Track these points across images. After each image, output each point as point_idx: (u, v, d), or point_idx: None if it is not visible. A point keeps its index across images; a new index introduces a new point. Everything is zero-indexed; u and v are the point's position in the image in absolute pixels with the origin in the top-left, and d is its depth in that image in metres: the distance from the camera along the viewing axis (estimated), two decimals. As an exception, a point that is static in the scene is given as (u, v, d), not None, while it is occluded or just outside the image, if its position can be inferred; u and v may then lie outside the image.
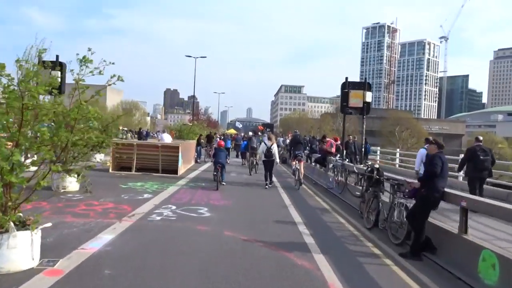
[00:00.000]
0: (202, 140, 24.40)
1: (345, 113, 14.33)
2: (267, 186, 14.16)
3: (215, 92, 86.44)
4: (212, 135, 28.45)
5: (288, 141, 29.66)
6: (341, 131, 61.34)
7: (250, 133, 36.67)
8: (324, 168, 16.13)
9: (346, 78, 14.07)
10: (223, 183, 13.51)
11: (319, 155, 17.77)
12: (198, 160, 23.27)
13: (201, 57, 48.46)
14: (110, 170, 15.33)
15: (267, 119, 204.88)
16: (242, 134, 41.18)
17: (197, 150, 23.85)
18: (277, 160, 14.58)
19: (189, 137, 25.15)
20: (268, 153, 14.11)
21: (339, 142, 17.13)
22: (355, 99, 13.78)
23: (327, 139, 16.35)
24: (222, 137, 26.13)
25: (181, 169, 16.34)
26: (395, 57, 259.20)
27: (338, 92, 16.39)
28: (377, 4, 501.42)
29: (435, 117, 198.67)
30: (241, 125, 65.93)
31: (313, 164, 19.42)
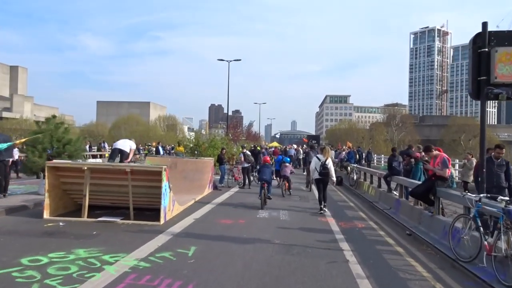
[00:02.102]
0: (225, 157, 17.54)
1: (488, 98, 6.89)
2: (322, 212, 11.19)
3: (256, 103, 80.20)
4: (257, 150, 21.69)
5: (344, 154, 22.26)
6: (396, 141, 52.52)
7: (295, 146, 29.24)
8: (430, 208, 8.68)
9: (485, 24, 6.74)
10: (269, 198, 12.48)
11: (413, 181, 10.44)
12: (220, 186, 16.44)
13: (235, 60, 42.31)
14: (45, 215, 8.79)
15: (312, 131, 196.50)
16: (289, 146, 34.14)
17: (221, 170, 17.08)
18: (333, 178, 11.88)
19: (207, 153, 18.41)
20: (324, 169, 11.31)
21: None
22: (507, 66, 6.40)
23: (434, 152, 8.59)
24: (248, 152, 19.12)
25: (171, 210, 9.52)
26: (447, 61, 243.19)
27: (387, 101, 9.21)
28: (423, 10, 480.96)
29: (495, 124, 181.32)
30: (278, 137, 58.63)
31: (395, 194, 12.05)
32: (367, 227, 9.59)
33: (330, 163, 11.40)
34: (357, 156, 23.10)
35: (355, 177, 18.09)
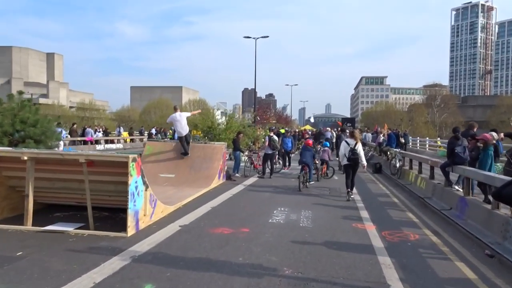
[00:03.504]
0: (239, 141, 14.85)
1: None
2: (349, 199, 10.18)
3: (287, 85, 76.83)
4: (281, 133, 18.83)
5: (382, 138, 19.13)
6: (437, 123, 48.12)
7: (328, 129, 26.34)
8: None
9: None
10: (310, 182, 12.28)
11: (492, 174, 7.46)
12: (234, 175, 13.86)
13: (262, 37, 39.17)
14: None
15: (347, 114, 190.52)
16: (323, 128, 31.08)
17: (235, 157, 14.49)
18: (364, 162, 10.70)
19: (222, 138, 15.78)
20: (353, 154, 10.30)
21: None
22: None
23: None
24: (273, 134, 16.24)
25: (149, 215, 7.00)
26: (491, 38, 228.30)
27: (426, 81, 6.23)
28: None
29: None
30: (313, 121, 55.40)
31: (457, 189, 9.12)
32: (422, 239, 6.72)
33: (359, 148, 10.47)
34: (402, 139, 19.90)
35: (397, 164, 15.02)
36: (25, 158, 6.41)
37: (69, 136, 26.38)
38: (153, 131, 38.22)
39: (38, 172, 6.81)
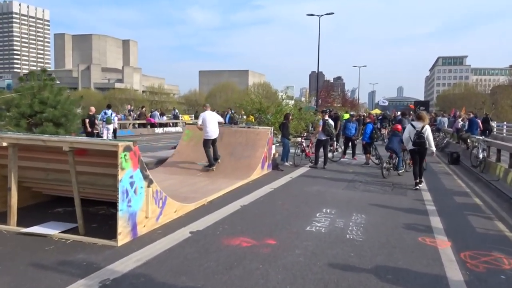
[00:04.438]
0: (289, 124, 13.13)
1: None
2: (417, 187, 9.36)
3: (355, 66, 72.64)
4: (337, 116, 16.75)
5: (461, 123, 16.38)
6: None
7: (398, 114, 23.72)
8: None
9: None
10: (399, 171, 11.27)
11: None
12: (282, 164, 12.27)
13: (327, 14, 36.55)
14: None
15: (420, 97, 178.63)
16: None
17: (284, 144, 12.86)
18: (433, 148, 9.63)
19: (273, 122, 14.14)
20: (419, 138, 9.23)
21: None
22: None
23: None
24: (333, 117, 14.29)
25: (154, 217, 5.65)
26: None
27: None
28: None
29: None
30: (386, 103, 51.57)
31: None
32: (523, 269, 4.66)
33: (427, 131, 9.37)
34: (489, 125, 16.90)
35: (480, 155, 12.44)
36: (4, 144, 5.34)
37: (118, 118, 26.54)
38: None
39: (27, 161, 5.75)
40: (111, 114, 16.36)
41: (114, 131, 19.68)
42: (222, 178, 9.50)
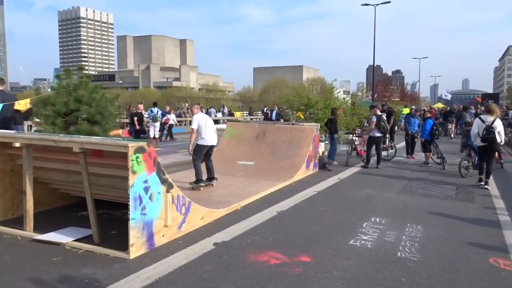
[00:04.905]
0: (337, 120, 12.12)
1: None
2: (480, 184, 8.72)
3: (415, 58, 68.62)
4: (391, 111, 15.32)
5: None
6: None
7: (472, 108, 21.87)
8: None
9: None
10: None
11: None
12: (330, 163, 11.37)
13: (382, 3, 34.53)
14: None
15: (488, 89, 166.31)
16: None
17: (332, 142, 11.93)
18: (502, 139, 8.68)
19: (321, 117, 13.18)
20: (488, 134, 8.35)
21: None
22: None
23: None
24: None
25: (176, 226, 5.06)
26: None
27: None
28: None
29: None
30: (449, 96, 48.07)
31: None
32: None
33: (498, 125, 8.51)
34: None
35: None
36: (18, 144, 5.00)
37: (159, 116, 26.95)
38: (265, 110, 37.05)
39: (48, 162, 5.42)
40: (157, 111, 16.26)
41: (171, 127, 19.85)
42: (262, 179, 8.80)
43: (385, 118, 11.57)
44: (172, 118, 20.37)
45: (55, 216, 6.01)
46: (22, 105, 7.96)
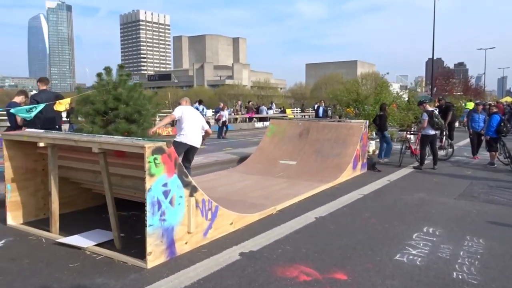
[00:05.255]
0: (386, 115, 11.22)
1: None
2: None
3: (480, 49, 63.93)
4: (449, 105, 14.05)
5: None
6: None
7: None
8: None
9: None
10: None
11: None
12: (381, 161, 10.55)
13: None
14: (9, 221, 5.34)
15: None
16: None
17: (381, 139, 11.09)
18: None
19: (371, 113, 12.34)
20: None
21: None
22: None
23: None
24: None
25: (201, 232, 4.68)
26: None
27: None
28: None
29: None
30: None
31: None
32: None
33: None
34: None
35: None
36: (42, 144, 4.87)
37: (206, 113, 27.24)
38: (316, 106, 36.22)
39: (75, 162, 5.27)
40: (203, 109, 16.15)
41: (224, 124, 19.79)
42: (303, 181, 8.25)
43: (437, 113, 10.50)
44: (225, 114, 20.41)
45: (85, 217, 5.88)
46: (62, 105, 7.98)
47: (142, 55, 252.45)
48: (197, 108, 16.15)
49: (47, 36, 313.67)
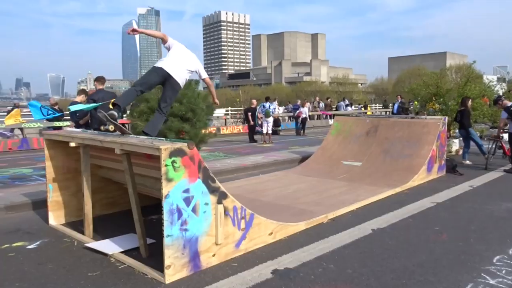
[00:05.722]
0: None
1: None
2: None
3: None
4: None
5: None
6: None
7: None
8: None
9: None
10: None
11: None
12: (463, 163, 9.18)
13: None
14: (51, 221, 5.33)
15: None
16: None
17: (473, 138, 9.70)
18: None
19: (452, 108, 10.88)
20: None
21: None
22: None
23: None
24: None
25: (233, 244, 4.18)
26: None
27: None
28: None
29: None
30: None
31: None
32: None
33: None
34: None
35: None
36: (73, 144, 4.72)
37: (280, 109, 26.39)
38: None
39: (111, 162, 5.08)
40: (269, 106, 15.68)
41: (304, 121, 19.35)
42: (366, 185, 7.37)
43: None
44: (304, 111, 19.92)
45: (126, 218, 5.68)
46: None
47: (223, 55, 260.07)
48: (263, 106, 15.74)
49: (138, 41, 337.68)
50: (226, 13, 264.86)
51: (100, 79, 8.18)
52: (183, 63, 5.14)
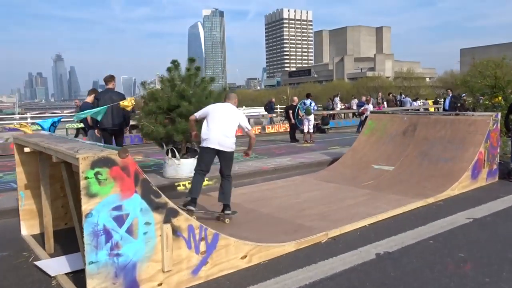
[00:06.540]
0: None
1: None
2: None
3: None
4: None
5: None
6: None
7: None
8: None
9: None
10: None
11: None
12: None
13: None
14: (24, 231, 4.98)
15: None
16: None
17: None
18: None
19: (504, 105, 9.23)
20: None
21: None
22: None
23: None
24: None
25: (167, 273, 3.48)
26: None
27: None
28: None
29: None
30: None
31: None
32: None
33: None
34: None
35: None
36: (27, 150, 4.28)
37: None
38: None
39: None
40: (310, 103, 14.70)
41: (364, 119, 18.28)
42: (393, 194, 6.29)
43: None
44: (369, 108, 18.74)
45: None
46: (126, 103, 7.62)
47: (285, 52, 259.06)
48: (304, 103, 14.82)
49: (203, 41, 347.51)
50: (288, 10, 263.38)
51: (108, 79, 7.87)
52: (226, 130, 5.09)
